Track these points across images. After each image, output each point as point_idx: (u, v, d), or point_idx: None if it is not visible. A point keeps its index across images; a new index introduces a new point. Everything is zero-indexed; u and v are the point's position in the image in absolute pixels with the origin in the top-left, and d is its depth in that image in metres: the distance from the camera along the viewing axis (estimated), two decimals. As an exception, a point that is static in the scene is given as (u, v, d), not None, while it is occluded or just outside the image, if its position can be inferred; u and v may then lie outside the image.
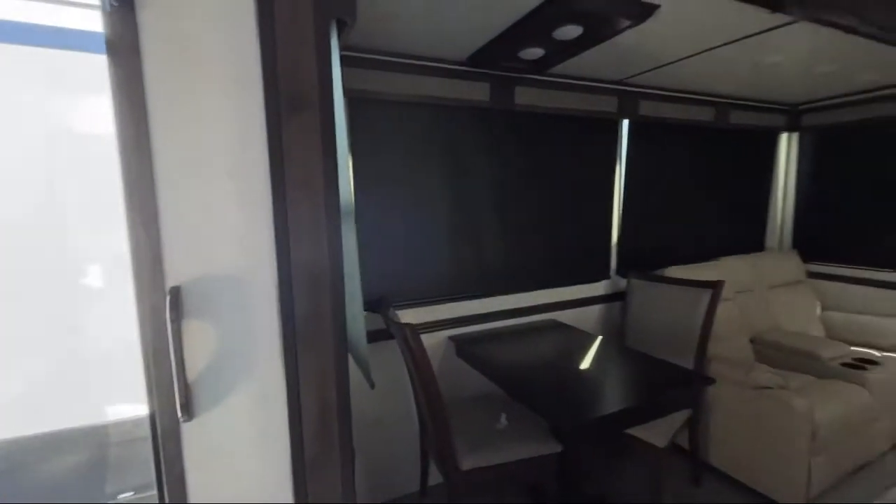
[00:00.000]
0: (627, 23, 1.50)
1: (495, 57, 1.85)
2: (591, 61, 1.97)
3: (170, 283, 0.68)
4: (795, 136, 3.21)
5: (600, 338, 2.10)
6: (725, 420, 2.09)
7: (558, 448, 1.71)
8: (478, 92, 2.03)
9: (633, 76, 2.28)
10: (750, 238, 3.26)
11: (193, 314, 0.70)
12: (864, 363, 2.33)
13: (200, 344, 0.71)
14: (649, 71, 2.18)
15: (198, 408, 0.72)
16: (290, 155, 0.71)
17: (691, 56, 1.95)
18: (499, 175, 2.23)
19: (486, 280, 2.25)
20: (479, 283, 2.23)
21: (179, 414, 0.69)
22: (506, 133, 2.22)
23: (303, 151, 0.72)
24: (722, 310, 2.18)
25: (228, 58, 0.68)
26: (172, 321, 0.66)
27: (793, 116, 3.14)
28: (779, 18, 1.56)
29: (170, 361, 0.68)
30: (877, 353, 2.48)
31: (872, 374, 2.21)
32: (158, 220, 0.67)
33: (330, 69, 0.72)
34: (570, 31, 1.58)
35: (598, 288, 2.56)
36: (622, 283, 2.59)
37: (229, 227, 0.71)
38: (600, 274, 2.58)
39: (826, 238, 3.13)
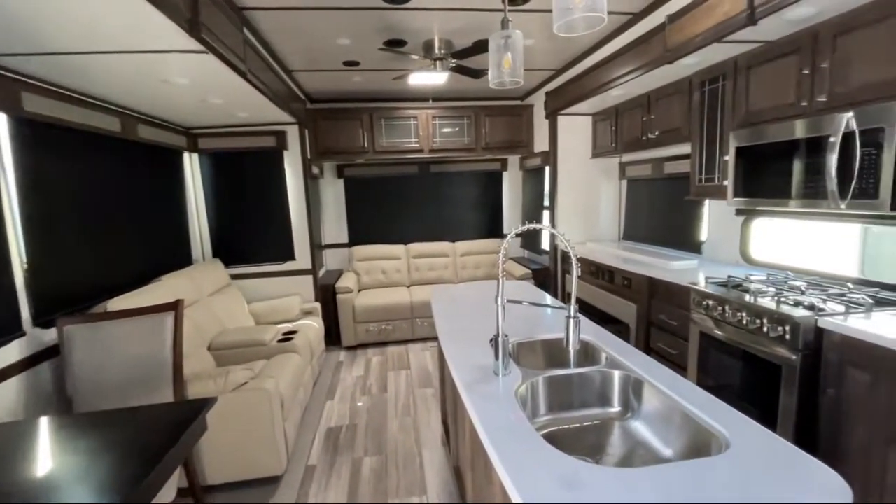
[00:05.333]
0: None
1: None
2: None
3: None
4: (196, 156, 3.53)
5: (44, 418, 1.48)
6: (212, 434, 2.10)
7: None
8: None
9: (4, 55, 1.66)
10: (179, 254, 3.31)
11: None
12: (289, 335, 3.04)
13: None
14: (34, 55, 1.67)
15: None
16: None
17: (97, 53, 1.68)
18: None
19: None
20: None
21: None
22: None
23: None
24: (181, 329, 2.13)
25: None
26: None
27: (191, 138, 3.42)
28: (193, 44, 1.65)
29: None
30: (291, 325, 3.30)
31: (297, 341, 2.94)
32: None
33: None
34: None
35: (8, 354, 1.75)
36: (48, 335, 1.91)
37: None
38: (6, 331, 1.77)
39: (234, 245, 3.73)
